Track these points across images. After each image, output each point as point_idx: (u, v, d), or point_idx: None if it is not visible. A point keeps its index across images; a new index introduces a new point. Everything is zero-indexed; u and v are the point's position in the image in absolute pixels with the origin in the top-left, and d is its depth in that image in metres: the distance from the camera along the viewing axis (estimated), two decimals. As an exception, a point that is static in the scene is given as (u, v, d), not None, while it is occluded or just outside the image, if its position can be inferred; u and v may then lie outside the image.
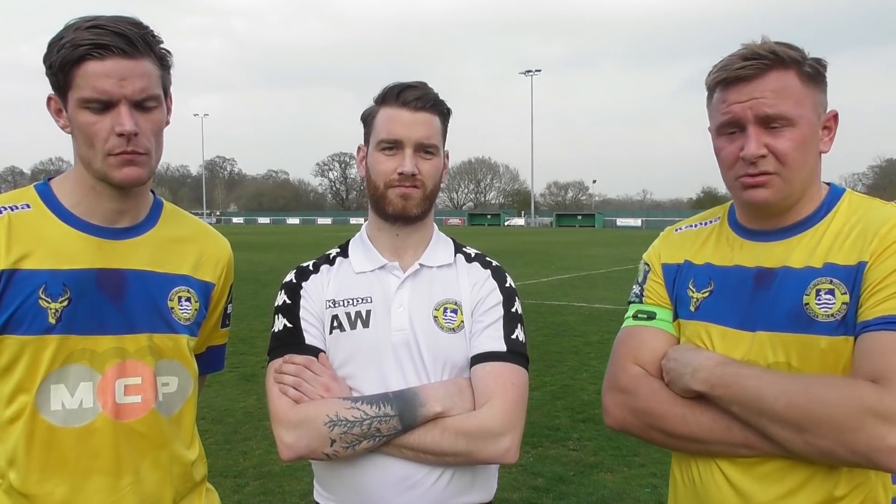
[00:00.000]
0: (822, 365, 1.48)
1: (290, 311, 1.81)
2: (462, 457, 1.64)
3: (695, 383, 1.55)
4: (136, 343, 1.62)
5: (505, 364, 1.72)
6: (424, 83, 1.80)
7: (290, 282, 1.86)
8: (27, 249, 1.56)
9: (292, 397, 1.68)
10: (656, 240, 1.88)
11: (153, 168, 1.62)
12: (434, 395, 1.66)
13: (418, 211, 1.78)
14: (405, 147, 1.74)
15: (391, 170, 1.75)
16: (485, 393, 1.67)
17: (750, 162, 1.53)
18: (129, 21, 1.55)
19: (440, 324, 1.75)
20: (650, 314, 1.75)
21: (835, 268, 1.51)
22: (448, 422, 1.64)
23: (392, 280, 1.79)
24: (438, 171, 1.81)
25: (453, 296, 1.79)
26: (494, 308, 1.79)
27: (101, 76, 1.50)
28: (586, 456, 5.28)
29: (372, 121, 1.81)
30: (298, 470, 4.97)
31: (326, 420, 1.62)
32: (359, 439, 1.62)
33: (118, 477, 1.60)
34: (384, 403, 1.64)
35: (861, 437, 1.35)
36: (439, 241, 1.88)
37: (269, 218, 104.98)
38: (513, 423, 1.66)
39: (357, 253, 1.86)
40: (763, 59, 1.53)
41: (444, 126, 1.83)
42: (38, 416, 1.55)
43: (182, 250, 1.75)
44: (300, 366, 1.71)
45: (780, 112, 1.52)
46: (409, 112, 1.75)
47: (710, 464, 1.59)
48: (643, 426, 1.65)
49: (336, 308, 1.78)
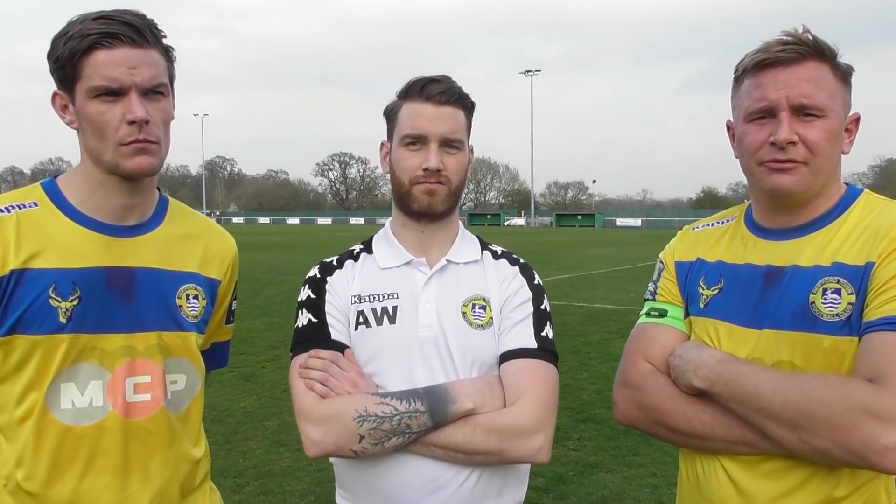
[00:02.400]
0: (825, 364, 1.48)
1: (314, 305, 1.76)
2: (493, 455, 1.60)
3: (696, 380, 1.55)
4: (146, 341, 1.62)
5: (536, 361, 1.69)
6: (448, 77, 1.77)
7: (315, 276, 1.81)
8: (36, 248, 1.56)
9: (319, 392, 1.64)
10: (673, 238, 1.88)
11: (163, 158, 1.61)
12: (465, 392, 1.62)
13: (444, 207, 1.75)
14: (430, 142, 1.71)
15: (416, 165, 1.71)
16: (516, 390, 1.64)
17: (780, 147, 1.52)
18: (135, 12, 1.56)
19: (469, 320, 1.72)
20: (662, 312, 1.76)
21: (843, 267, 1.50)
22: (479, 419, 1.60)
23: (418, 276, 1.76)
24: (464, 166, 1.77)
25: (481, 292, 1.76)
26: (524, 305, 1.76)
27: (111, 64, 1.50)
28: (586, 456, 5.28)
29: (395, 116, 1.77)
30: (298, 470, 4.97)
31: (355, 415, 1.58)
32: (388, 436, 1.58)
33: (127, 475, 1.60)
34: (414, 399, 1.60)
35: (855, 435, 1.34)
36: (465, 237, 1.85)
37: (269, 218, 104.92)
38: (545, 420, 1.62)
39: (382, 248, 1.83)
40: (803, 46, 1.53)
41: (468, 120, 1.79)
42: (48, 414, 1.54)
43: (189, 247, 1.75)
44: (327, 361, 1.67)
45: (815, 102, 1.51)
46: (433, 106, 1.71)
47: (713, 460, 1.60)
48: (649, 422, 1.66)
49: (362, 304, 1.74)
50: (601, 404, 6.49)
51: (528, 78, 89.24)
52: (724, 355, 1.57)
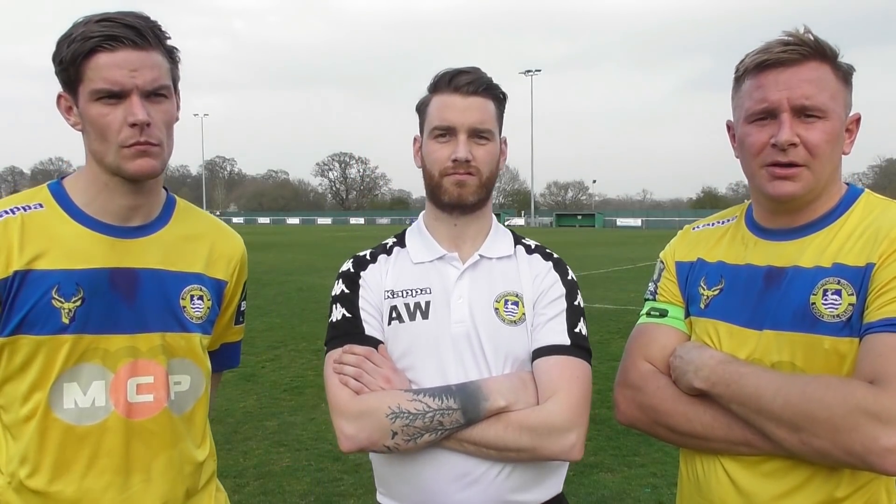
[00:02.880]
0: (825, 365, 1.48)
1: (348, 300, 1.76)
2: (526, 453, 1.60)
3: (697, 381, 1.55)
4: (149, 342, 1.63)
5: (569, 358, 1.68)
6: (478, 68, 1.76)
7: (348, 271, 1.82)
8: (40, 250, 1.56)
9: (353, 388, 1.64)
10: (674, 238, 1.88)
11: (166, 160, 1.62)
12: (498, 389, 1.61)
13: (475, 199, 1.74)
14: (458, 133, 1.70)
15: (445, 157, 1.71)
16: (549, 387, 1.63)
17: (780, 149, 1.52)
18: (138, 14, 1.56)
19: (501, 316, 1.71)
20: (662, 312, 1.76)
21: (843, 268, 1.50)
22: (512, 416, 1.59)
23: (451, 271, 1.76)
24: (494, 157, 1.76)
25: (514, 288, 1.75)
26: (557, 301, 1.75)
27: (113, 67, 1.50)
28: (586, 456, 5.22)
29: (425, 109, 1.77)
30: (298, 470, 4.97)
31: (388, 412, 1.58)
32: (421, 432, 1.59)
33: (129, 475, 1.61)
34: (447, 396, 1.60)
35: (855, 437, 1.34)
36: (498, 231, 1.84)
37: (268, 218, 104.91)
38: (579, 418, 1.62)
39: (415, 242, 1.82)
40: (805, 46, 1.53)
41: (499, 111, 1.78)
42: (51, 414, 1.55)
43: (194, 248, 1.75)
44: (361, 357, 1.68)
45: (816, 104, 1.51)
46: (462, 97, 1.71)
47: (714, 461, 1.60)
48: (650, 422, 1.66)
49: (395, 299, 1.74)
50: (601, 404, 6.47)
51: (528, 78, 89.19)
52: (724, 356, 1.57)
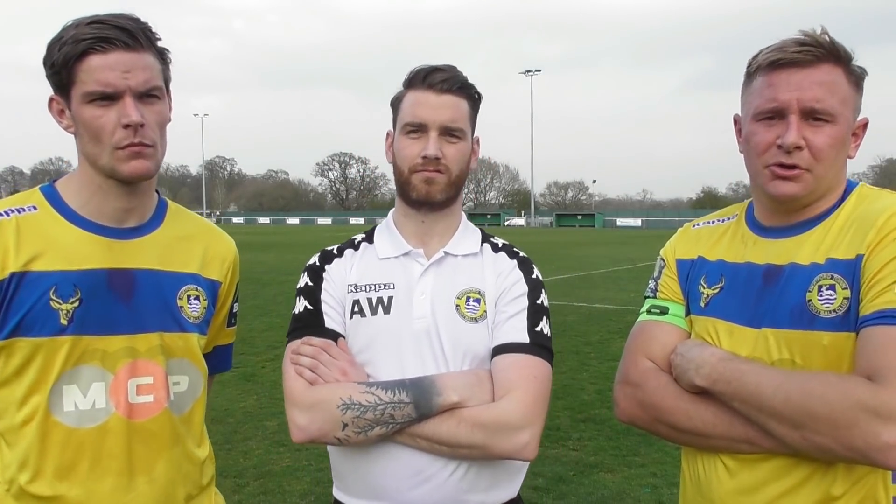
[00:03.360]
0: (825, 362, 1.48)
1: (311, 293, 1.78)
2: (478, 450, 1.60)
3: (698, 379, 1.55)
4: (148, 342, 1.62)
5: (528, 356, 1.67)
6: (453, 66, 1.76)
7: (314, 264, 1.83)
8: (36, 251, 1.56)
9: (308, 379, 1.65)
10: (674, 235, 1.88)
11: (159, 161, 1.62)
12: (451, 385, 1.62)
13: (443, 196, 1.74)
14: (430, 130, 1.71)
15: (415, 153, 1.71)
16: (505, 385, 1.63)
17: (786, 151, 1.52)
18: (129, 16, 1.56)
19: (462, 313, 1.71)
20: (663, 309, 1.76)
21: (836, 262, 1.50)
22: (465, 412, 1.60)
23: (416, 267, 1.76)
24: (465, 156, 1.76)
25: (477, 285, 1.75)
26: (519, 299, 1.75)
27: (105, 69, 1.50)
28: (586, 456, 5.28)
29: (399, 105, 1.78)
30: (298, 470, 4.97)
31: (339, 403, 1.59)
32: (371, 425, 1.59)
33: (132, 477, 1.60)
34: (399, 390, 1.60)
35: (856, 433, 1.34)
36: (467, 229, 1.84)
37: (269, 218, 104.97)
38: (533, 417, 1.61)
39: (382, 238, 1.83)
40: (820, 48, 1.51)
41: (472, 111, 1.78)
42: (51, 417, 1.54)
43: (189, 249, 1.75)
44: (318, 348, 1.69)
45: (826, 107, 1.50)
46: (435, 94, 1.71)
47: (714, 459, 1.60)
48: (650, 419, 1.66)
49: (357, 293, 1.75)
50: (601, 404, 6.49)
51: (528, 78, 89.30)
52: (725, 354, 1.57)
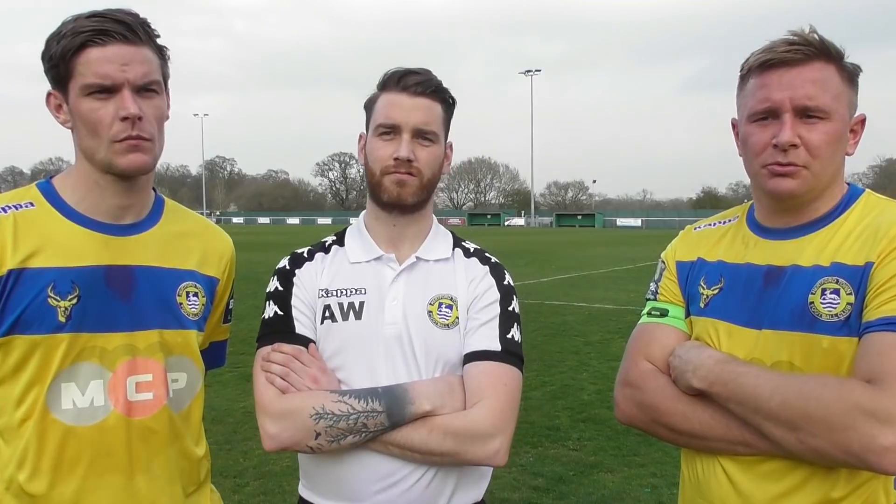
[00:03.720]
0: (824, 365, 1.47)
1: (281, 298, 1.76)
2: (449, 457, 1.60)
3: (695, 381, 1.56)
4: (147, 339, 1.62)
5: (499, 364, 1.68)
6: (428, 70, 1.76)
7: (284, 268, 1.81)
8: (34, 248, 1.55)
9: (279, 387, 1.64)
10: (675, 238, 1.88)
11: (157, 156, 1.61)
12: (424, 393, 1.62)
13: (414, 200, 1.73)
14: (402, 132, 1.70)
15: (387, 155, 1.70)
16: (476, 393, 1.63)
17: (781, 150, 1.52)
18: (128, 11, 1.56)
19: (434, 319, 1.71)
20: (663, 311, 1.76)
21: (842, 267, 1.50)
22: (437, 420, 1.60)
23: (387, 272, 1.75)
24: (437, 160, 1.76)
25: (449, 291, 1.75)
26: (491, 306, 1.74)
27: (104, 61, 1.50)
28: (586, 456, 5.28)
29: (372, 106, 1.77)
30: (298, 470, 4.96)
31: (312, 412, 1.59)
32: (344, 434, 1.59)
33: (130, 475, 1.60)
34: (372, 399, 1.60)
35: (852, 436, 1.34)
36: (438, 233, 1.83)
37: (268, 218, 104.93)
38: (503, 424, 1.62)
39: (353, 242, 1.82)
40: (810, 47, 1.52)
41: (446, 115, 1.78)
42: (49, 415, 1.53)
43: (187, 245, 1.75)
44: (289, 355, 1.67)
45: (819, 105, 1.51)
46: (409, 97, 1.71)
47: (713, 461, 1.61)
48: (649, 421, 1.66)
49: (329, 298, 1.74)
50: (601, 404, 6.48)
51: (528, 78, 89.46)
52: (722, 356, 1.57)
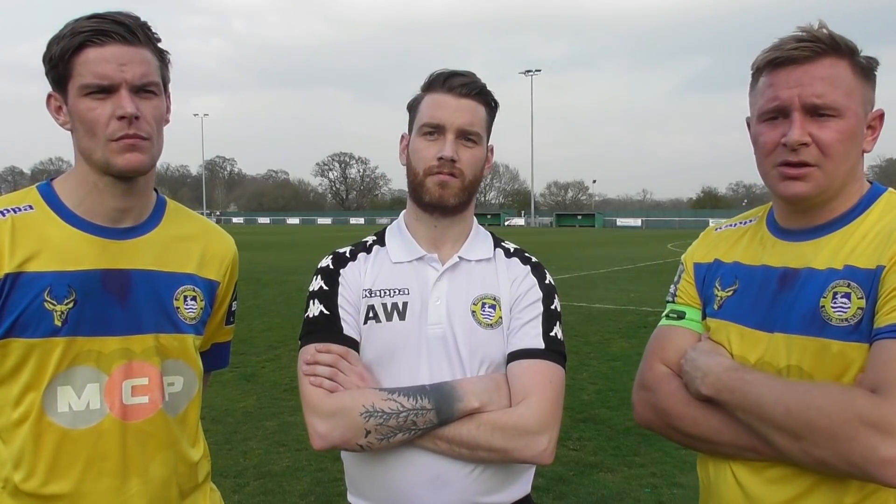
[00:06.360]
0: (833, 370, 1.44)
1: (327, 297, 1.75)
2: (497, 453, 1.60)
3: (704, 388, 1.55)
4: (143, 344, 1.62)
5: (543, 362, 1.68)
6: (472, 73, 1.77)
7: (328, 267, 1.81)
8: (31, 252, 1.55)
9: (327, 388, 1.64)
10: (696, 239, 1.86)
11: (155, 157, 1.61)
12: (472, 390, 1.62)
13: (456, 201, 1.73)
14: (447, 132, 1.71)
15: (431, 155, 1.71)
16: (522, 391, 1.64)
17: (791, 149, 1.48)
18: (128, 13, 1.57)
19: (478, 319, 1.72)
20: (680, 314, 1.76)
21: (854, 271, 1.45)
22: (485, 416, 1.60)
23: (430, 272, 1.76)
24: (480, 161, 1.77)
25: (492, 291, 1.76)
26: (534, 305, 1.76)
27: (102, 61, 1.51)
28: (586, 456, 5.28)
29: (417, 107, 1.78)
30: (298, 470, 4.97)
31: (362, 410, 1.58)
32: (394, 431, 1.59)
33: (126, 478, 1.60)
34: (421, 396, 1.60)
35: (854, 447, 1.31)
36: (479, 234, 1.84)
37: (268, 218, 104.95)
38: (550, 421, 1.62)
39: (394, 242, 1.82)
40: (819, 43, 1.48)
41: (489, 117, 1.79)
42: (45, 417, 1.54)
43: (187, 249, 1.74)
44: (336, 356, 1.67)
45: (829, 102, 1.46)
46: (454, 98, 1.72)
47: (724, 465, 1.60)
48: (663, 425, 1.66)
49: (372, 298, 1.74)
50: (601, 404, 6.49)
51: (528, 78, 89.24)
52: (731, 363, 1.56)
